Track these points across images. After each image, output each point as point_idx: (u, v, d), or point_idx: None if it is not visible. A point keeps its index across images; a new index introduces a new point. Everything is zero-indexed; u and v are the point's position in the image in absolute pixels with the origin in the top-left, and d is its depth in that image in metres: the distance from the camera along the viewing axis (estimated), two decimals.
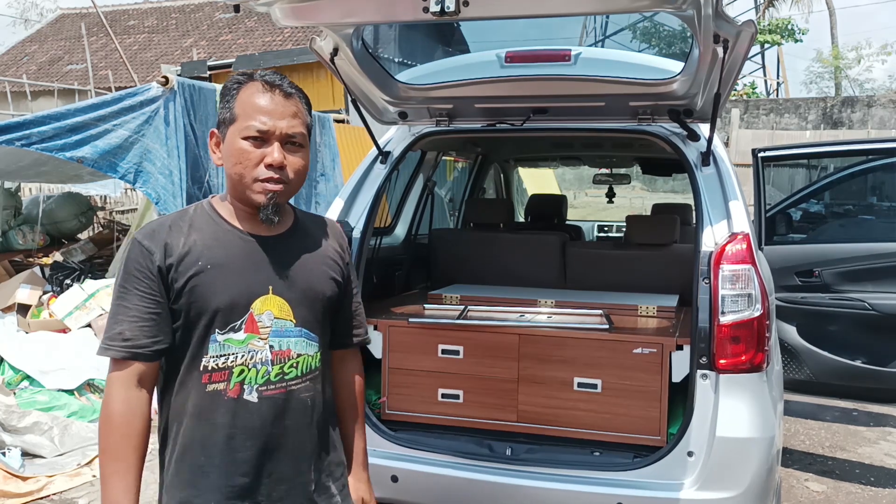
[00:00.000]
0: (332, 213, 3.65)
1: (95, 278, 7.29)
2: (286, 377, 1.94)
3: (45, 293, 7.28)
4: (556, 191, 11.41)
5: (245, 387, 1.89)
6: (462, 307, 3.84)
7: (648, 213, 6.09)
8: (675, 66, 3.38)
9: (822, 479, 5.00)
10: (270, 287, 1.93)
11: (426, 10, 2.48)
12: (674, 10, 2.79)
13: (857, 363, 4.73)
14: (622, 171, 7.08)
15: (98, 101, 6.72)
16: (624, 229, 7.94)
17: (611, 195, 7.33)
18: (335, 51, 3.27)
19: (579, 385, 3.41)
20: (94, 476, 4.92)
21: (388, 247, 4.49)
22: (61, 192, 10.88)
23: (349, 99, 3.65)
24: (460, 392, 3.56)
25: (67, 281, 7.52)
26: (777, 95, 30.98)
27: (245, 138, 1.88)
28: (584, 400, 3.40)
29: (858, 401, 5.42)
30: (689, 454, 3.11)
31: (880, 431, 5.94)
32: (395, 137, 3.92)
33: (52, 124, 6.33)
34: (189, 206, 2.02)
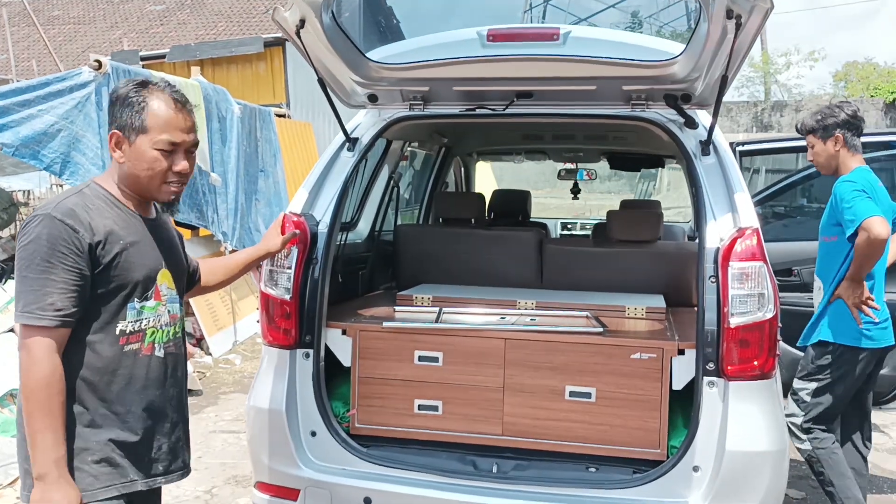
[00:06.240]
0: (296, 204, 3.28)
1: None
2: (176, 336, 2.38)
3: None
4: (493, 186, 11.18)
5: (156, 345, 2.28)
6: (436, 309, 3.51)
7: (592, 211, 5.88)
8: (675, 47, 3.13)
9: (800, 483, 4.84)
10: (164, 262, 2.32)
11: None
12: None
13: None
14: (589, 166, 6.85)
15: (23, 86, 6.20)
16: (589, 227, 7.81)
17: (576, 191, 7.09)
18: (301, 23, 2.92)
19: (571, 394, 3.12)
20: (17, 498, 4.42)
21: (351, 243, 4.14)
22: None
23: (318, 82, 3.28)
24: (439, 403, 3.24)
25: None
26: None
27: (157, 149, 2.19)
28: (576, 410, 3.12)
29: None
30: (695, 469, 2.86)
31: None
32: (363, 122, 3.56)
33: None
34: (81, 189, 2.23)
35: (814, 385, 3.82)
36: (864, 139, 3.86)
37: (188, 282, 2.62)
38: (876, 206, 3.51)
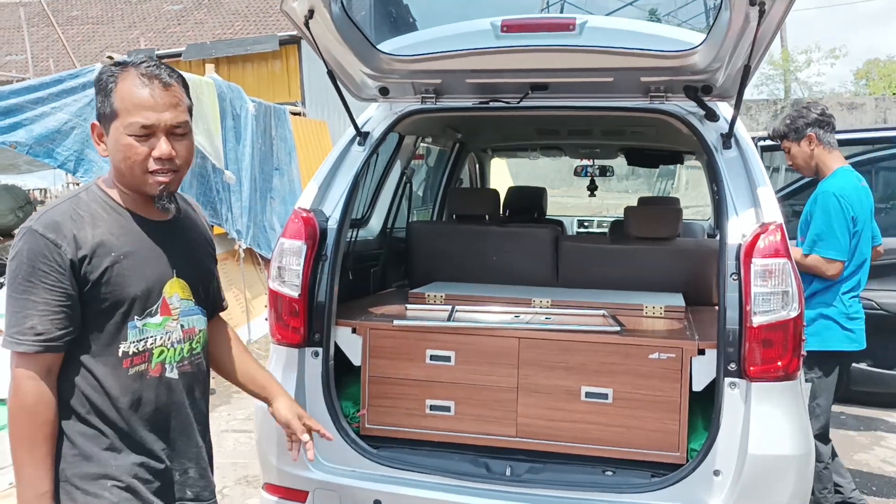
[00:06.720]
0: (305, 199, 3.21)
1: None
2: (194, 352, 2.12)
3: None
4: (509, 183, 11.06)
5: (166, 366, 2.03)
6: (449, 307, 3.43)
7: (609, 210, 5.75)
8: (695, 36, 3.02)
9: None
10: (175, 270, 2.06)
11: None
12: None
13: (862, 366, 4.45)
14: (605, 162, 6.74)
15: (35, 83, 6.17)
16: (606, 224, 7.69)
17: (592, 188, 6.98)
18: (310, 13, 2.84)
19: (587, 395, 3.03)
20: None
21: (362, 240, 4.06)
22: None
23: (327, 74, 3.20)
24: (451, 403, 3.15)
25: (2, 279, 6.91)
26: None
27: (130, 134, 1.90)
28: (592, 412, 3.03)
29: (862, 406, 5.14)
30: (716, 473, 2.76)
31: (872, 436, 5.69)
32: (374, 116, 3.49)
33: None
34: (79, 192, 2.02)
35: (811, 391, 3.77)
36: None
37: (214, 304, 2.31)
38: (848, 246, 3.62)
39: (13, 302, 1.87)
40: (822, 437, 3.76)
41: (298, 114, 11.54)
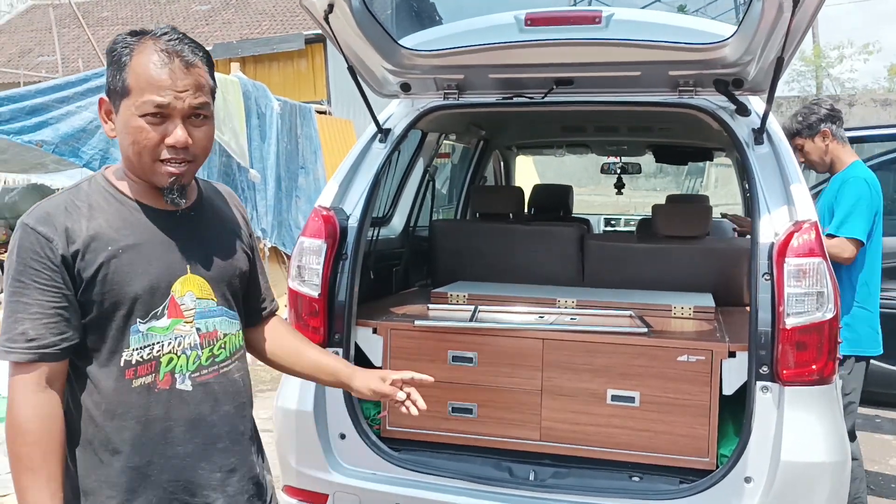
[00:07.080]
0: (325, 198, 3.16)
1: None
2: (217, 359, 1.82)
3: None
4: (535, 180, 10.95)
5: (176, 376, 1.76)
6: (472, 307, 3.37)
7: (637, 209, 5.64)
8: (726, 28, 2.93)
9: None
10: (188, 266, 1.79)
11: None
12: None
13: None
14: (633, 160, 6.64)
15: (61, 82, 6.20)
16: (633, 223, 7.59)
17: (619, 186, 6.87)
18: (330, 7, 2.79)
19: (613, 398, 2.95)
20: None
21: (384, 239, 4.01)
22: (25, 184, 10.29)
23: (347, 70, 3.15)
24: (474, 406, 3.09)
25: None
26: None
27: (142, 114, 1.66)
28: (619, 415, 2.95)
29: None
30: (747, 480, 2.67)
31: None
32: (396, 113, 3.43)
33: (8, 106, 5.81)
34: (82, 182, 1.79)
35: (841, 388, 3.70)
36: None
37: (256, 308, 2.07)
38: (868, 232, 3.54)
39: (6, 305, 1.67)
40: (850, 433, 3.67)
41: (324, 112, 11.54)
